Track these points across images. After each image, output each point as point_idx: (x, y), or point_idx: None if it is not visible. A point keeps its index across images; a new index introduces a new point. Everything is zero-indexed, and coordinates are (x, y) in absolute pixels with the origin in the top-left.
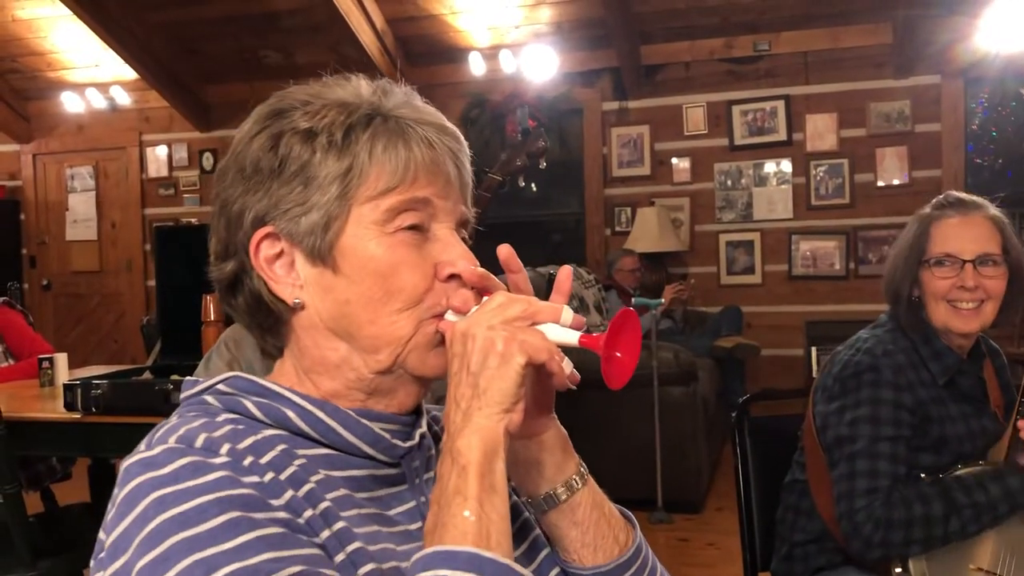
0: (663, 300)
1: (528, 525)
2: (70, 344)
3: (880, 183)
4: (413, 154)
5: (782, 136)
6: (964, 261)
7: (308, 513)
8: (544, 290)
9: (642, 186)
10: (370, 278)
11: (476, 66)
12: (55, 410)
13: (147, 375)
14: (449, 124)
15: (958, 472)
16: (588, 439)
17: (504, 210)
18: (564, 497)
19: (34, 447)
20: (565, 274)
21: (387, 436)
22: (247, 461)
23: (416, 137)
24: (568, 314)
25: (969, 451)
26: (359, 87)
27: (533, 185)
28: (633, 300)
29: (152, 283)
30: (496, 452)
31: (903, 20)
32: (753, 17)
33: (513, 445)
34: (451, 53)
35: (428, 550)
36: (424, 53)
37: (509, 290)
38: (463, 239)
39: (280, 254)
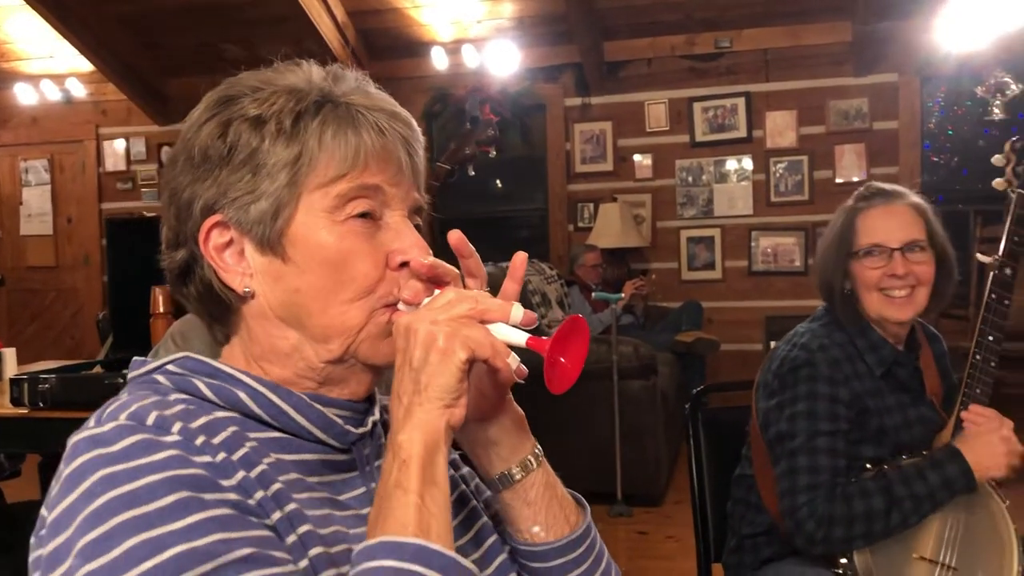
0: (623, 295)
1: (475, 514)
2: (25, 340)
3: (839, 180)
4: (363, 140)
5: (743, 133)
6: (892, 249)
7: (259, 495)
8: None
9: (605, 182)
10: (320, 267)
11: (439, 60)
12: (2, 405)
13: (98, 369)
14: (401, 110)
15: (901, 463)
16: (548, 432)
17: (469, 206)
18: (519, 477)
19: None
20: (520, 260)
21: (339, 422)
22: (199, 440)
23: (366, 123)
24: (518, 311)
25: (907, 440)
26: (310, 73)
27: (498, 181)
28: (593, 295)
29: None
30: (437, 446)
31: (861, 19)
32: (715, 14)
33: (469, 426)
34: (413, 47)
35: (373, 540)
36: (386, 47)
37: (462, 274)
38: (416, 225)
39: (230, 243)
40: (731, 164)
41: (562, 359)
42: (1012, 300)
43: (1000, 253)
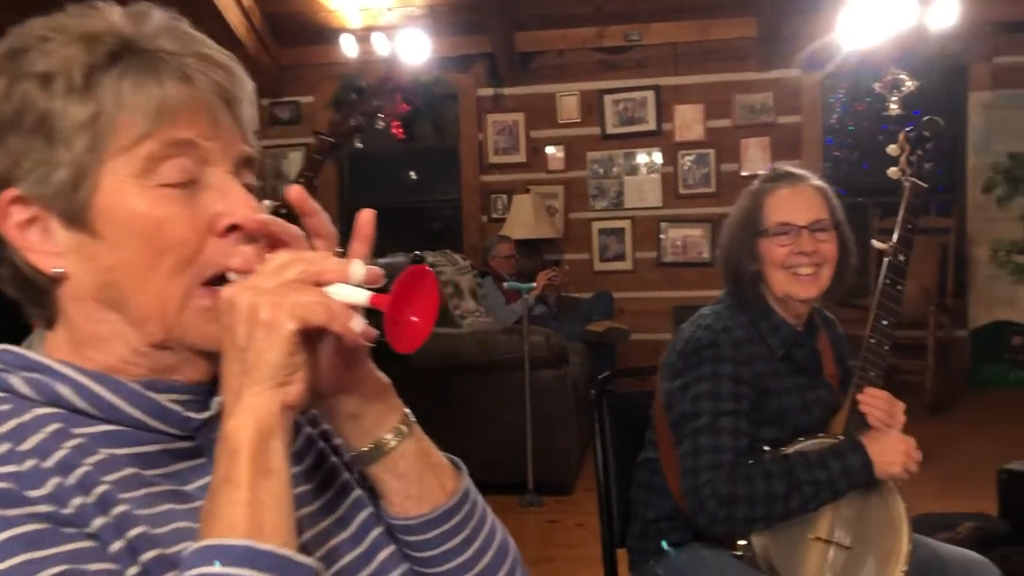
0: (534, 284)
1: (345, 489)
2: None
3: (744, 173)
4: (167, 92)
5: (652, 126)
6: (800, 227)
7: (78, 501)
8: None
9: (518, 173)
10: (134, 240)
11: (348, 48)
12: None
13: None
14: (217, 54)
15: (800, 446)
16: (458, 423)
17: (382, 195)
18: (387, 449)
19: None
20: (367, 216)
21: (178, 408)
22: (2, 449)
23: (171, 71)
24: (359, 268)
25: (806, 422)
26: (110, 15)
27: (412, 172)
28: (505, 285)
29: None
30: (271, 431)
31: (766, 15)
32: (625, 7)
33: (326, 400)
34: (323, 34)
35: (200, 543)
36: (294, 32)
37: (308, 235)
38: (248, 184)
39: (33, 219)
40: (641, 157)
41: (414, 318)
42: (904, 286)
43: (894, 240)
